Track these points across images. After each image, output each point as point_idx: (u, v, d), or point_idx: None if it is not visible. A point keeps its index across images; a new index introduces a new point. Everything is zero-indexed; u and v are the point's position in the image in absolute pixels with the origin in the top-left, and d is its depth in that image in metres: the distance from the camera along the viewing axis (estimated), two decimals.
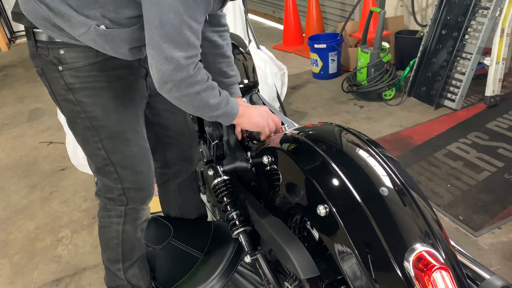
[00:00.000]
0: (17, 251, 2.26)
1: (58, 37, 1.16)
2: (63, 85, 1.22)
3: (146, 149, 1.39)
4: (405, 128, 3.07)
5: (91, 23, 1.11)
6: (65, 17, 1.11)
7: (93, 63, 1.20)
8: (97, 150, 1.31)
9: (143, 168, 1.36)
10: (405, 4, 4.18)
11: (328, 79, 4.10)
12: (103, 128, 1.27)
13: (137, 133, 1.34)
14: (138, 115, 1.34)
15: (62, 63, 1.19)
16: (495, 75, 3.09)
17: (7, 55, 6.16)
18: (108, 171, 1.33)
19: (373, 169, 0.97)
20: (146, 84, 1.38)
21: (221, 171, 1.49)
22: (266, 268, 1.29)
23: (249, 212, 1.34)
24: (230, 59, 1.44)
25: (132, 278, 1.52)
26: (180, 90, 1.13)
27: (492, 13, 3.02)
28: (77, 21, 1.11)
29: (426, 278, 0.78)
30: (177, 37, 1.05)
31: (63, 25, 1.12)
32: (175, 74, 1.09)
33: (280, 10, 5.91)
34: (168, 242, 1.69)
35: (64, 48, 1.17)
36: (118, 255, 1.47)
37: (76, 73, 1.20)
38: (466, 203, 2.22)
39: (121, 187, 1.35)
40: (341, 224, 0.90)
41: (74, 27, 1.12)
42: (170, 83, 1.11)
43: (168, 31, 1.04)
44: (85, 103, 1.24)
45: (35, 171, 3.03)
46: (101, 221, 1.46)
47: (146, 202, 1.44)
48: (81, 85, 1.21)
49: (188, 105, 1.19)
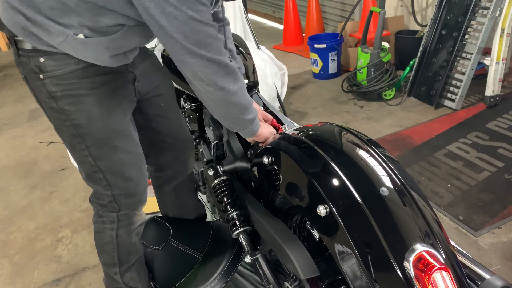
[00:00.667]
0: (17, 251, 2.26)
1: (38, 46, 1.14)
2: (45, 93, 1.20)
3: (136, 154, 1.36)
4: (405, 128, 3.07)
5: (69, 32, 1.10)
6: (43, 27, 1.09)
7: (74, 71, 1.18)
8: (84, 158, 1.29)
9: (133, 175, 1.34)
10: (405, 4, 4.18)
11: (328, 79, 4.10)
12: (88, 136, 1.25)
13: (125, 138, 1.31)
14: (125, 121, 1.31)
15: (42, 71, 1.17)
16: (495, 75, 3.09)
17: (7, 55, 6.16)
18: (97, 178, 1.32)
19: (373, 169, 0.97)
20: (134, 89, 1.35)
21: (221, 171, 1.49)
22: (266, 268, 1.29)
23: (249, 212, 1.34)
24: (232, 52, 1.43)
25: (130, 281, 1.52)
26: (230, 85, 1.14)
27: (492, 13, 3.02)
28: (54, 30, 1.09)
29: (426, 278, 0.78)
30: (207, 40, 1.06)
31: (41, 34, 1.11)
32: (220, 71, 1.11)
33: (280, 10, 5.91)
34: (167, 243, 1.68)
35: (44, 56, 1.15)
36: (114, 259, 1.47)
37: (57, 81, 1.18)
38: (466, 203, 2.22)
39: (111, 194, 1.34)
40: (341, 224, 0.90)
41: (52, 36, 1.10)
42: (220, 81, 1.12)
43: (196, 39, 1.05)
44: (68, 111, 1.22)
45: (35, 171, 3.02)
46: (96, 226, 1.46)
47: (138, 208, 1.42)
48: (63, 93, 1.19)
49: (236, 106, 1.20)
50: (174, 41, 1.04)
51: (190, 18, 1.01)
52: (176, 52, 1.07)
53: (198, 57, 1.07)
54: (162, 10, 0.99)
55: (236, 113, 1.22)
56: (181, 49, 1.05)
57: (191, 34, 1.03)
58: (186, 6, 0.99)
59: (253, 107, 1.27)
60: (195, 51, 1.05)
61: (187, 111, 1.99)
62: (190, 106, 1.92)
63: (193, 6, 1.00)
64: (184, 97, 1.98)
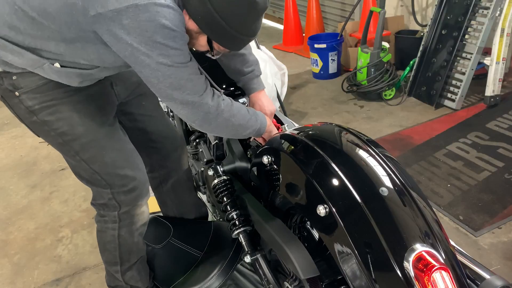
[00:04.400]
0: (17, 251, 2.26)
1: (10, 70, 1.17)
2: (24, 109, 1.22)
3: (128, 150, 1.38)
4: (405, 128, 3.07)
5: (44, 62, 1.14)
6: (17, 54, 1.12)
7: (47, 83, 1.20)
8: (78, 163, 1.32)
9: (127, 171, 1.36)
10: (405, 4, 4.18)
11: (328, 79, 4.10)
12: (74, 142, 1.28)
13: (111, 138, 1.34)
14: (109, 120, 1.34)
15: (17, 88, 1.19)
16: (495, 75, 3.09)
17: None
18: (96, 179, 1.34)
19: (373, 169, 0.97)
20: (113, 92, 1.39)
21: (221, 171, 1.49)
22: (266, 268, 1.29)
23: (249, 212, 1.34)
24: (243, 56, 1.43)
25: (130, 280, 1.52)
26: (211, 123, 1.18)
27: (492, 13, 3.02)
28: (29, 59, 1.13)
29: (426, 278, 0.78)
30: (180, 82, 1.09)
31: (14, 61, 1.13)
32: (197, 112, 1.15)
33: (280, 10, 5.91)
34: (167, 242, 1.69)
35: (16, 74, 1.17)
36: (116, 258, 1.48)
37: (33, 95, 1.20)
38: (466, 203, 2.21)
39: (110, 191, 1.35)
40: (341, 224, 0.90)
41: (27, 62, 1.14)
42: (198, 121, 1.17)
43: (169, 82, 1.08)
44: (50, 122, 1.24)
45: (35, 171, 3.03)
46: (98, 225, 1.47)
47: (139, 203, 1.42)
48: (40, 105, 1.22)
49: (224, 132, 1.26)
50: (151, 84, 1.10)
51: (160, 64, 1.04)
52: (157, 93, 1.13)
53: (172, 100, 1.12)
54: (136, 59, 1.04)
55: (235, 133, 1.27)
56: (157, 91, 1.12)
57: (163, 78, 1.07)
58: (156, 53, 1.03)
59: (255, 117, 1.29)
60: (168, 94, 1.11)
61: None
62: None
63: (164, 52, 1.03)
64: None
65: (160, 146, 1.60)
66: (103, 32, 1.02)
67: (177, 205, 1.78)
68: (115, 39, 1.01)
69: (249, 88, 1.47)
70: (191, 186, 1.79)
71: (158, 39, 1.00)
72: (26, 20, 1.07)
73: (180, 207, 1.79)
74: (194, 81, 1.12)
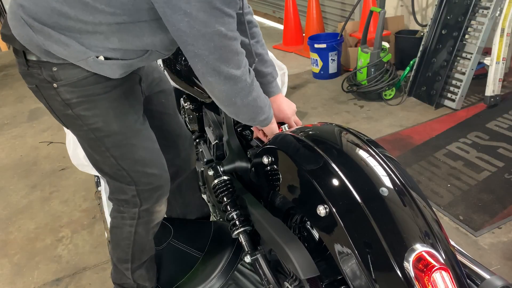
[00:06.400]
0: (17, 251, 2.26)
1: (52, 60, 1.14)
2: (60, 101, 1.21)
3: (155, 149, 1.38)
4: (405, 128, 3.07)
5: (91, 54, 1.11)
6: (63, 45, 1.10)
7: (87, 77, 1.18)
8: (106, 159, 1.31)
9: (154, 170, 1.36)
10: (405, 4, 4.18)
11: (328, 79, 4.10)
12: (107, 138, 1.27)
13: (142, 136, 1.33)
14: (139, 118, 1.34)
15: (56, 80, 1.17)
16: (495, 75, 3.09)
17: (7, 55, 6.16)
18: (121, 176, 1.33)
19: (373, 169, 0.97)
20: (141, 89, 1.38)
21: (221, 171, 1.49)
22: (266, 268, 1.29)
23: (249, 212, 1.34)
24: (261, 56, 1.41)
25: (139, 278, 1.53)
26: (243, 100, 1.16)
27: (492, 13, 3.02)
28: (75, 50, 1.10)
29: (426, 278, 0.78)
30: (228, 54, 1.07)
31: (58, 52, 1.11)
32: (235, 88, 1.13)
33: (280, 10, 5.91)
34: (168, 243, 1.69)
35: (56, 65, 1.15)
36: (128, 255, 1.47)
37: (71, 88, 1.19)
38: (466, 203, 2.22)
39: (135, 189, 1.35)
40: (341, 224, 0.90)
41: (71, 54, 1.11)
42: (235, 97, 1.14)
43: (219, 54, 1.05)
44: (85, 116, 1.23)
45: (35, 171, 3.03)
46: (114, 221, 1.46)
47: (160, 201, 1.42)
48: (78, 99, 1.20)
49: (247, 113, 1.22)
50: (199, 58, 1.06)
51: (215, 33, 1.02)
52: (203, 68, 1.09)
53: (217, 75, 1.09)
54: (191, 30, 1.00)
55: (255, 116, 1.25)
56: (205, 65, 1.07)
57: (215, 49, 1.04)
58: (214, 20, 1.00)
59: (269, 104, 1.29)
60: (216, 67, 1.07)
61: (187, 111, 1.99)
62: (190, 106, 1.92)
63: (221, 20, 1.01)
64: (184, 97, 1.98)
65: (172, 145, 1.60)
66: (160, 4, 1.00)
67: (181, 205, 1.78)
68: (171, 10, 0.99)
69: (269, 91, 1.44)
70: (196, 187, 1.79)
71: (217, 5, 0.98)
72: (79, 5, 1.05)
73: (184, 207, 1.79)
74: (239, 54, 1.10)
